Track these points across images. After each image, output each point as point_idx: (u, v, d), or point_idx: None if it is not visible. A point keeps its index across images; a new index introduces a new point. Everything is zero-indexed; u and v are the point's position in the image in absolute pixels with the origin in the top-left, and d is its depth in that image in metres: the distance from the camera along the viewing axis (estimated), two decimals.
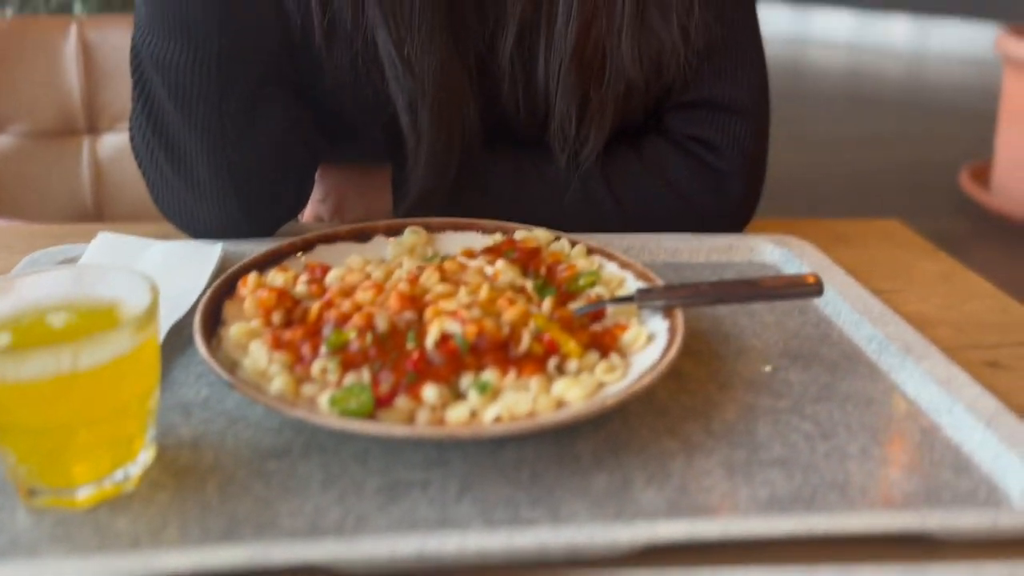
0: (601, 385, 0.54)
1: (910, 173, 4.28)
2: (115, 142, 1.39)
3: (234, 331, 0.57)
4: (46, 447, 0.44)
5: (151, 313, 0.45)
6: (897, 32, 7.54)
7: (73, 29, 1.35)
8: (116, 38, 1.35)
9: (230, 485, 0.48)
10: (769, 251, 0.80)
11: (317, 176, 0.85)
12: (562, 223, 0.74)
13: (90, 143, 1.39)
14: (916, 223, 0.98)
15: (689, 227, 0.82)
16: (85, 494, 0.46)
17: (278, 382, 0.52)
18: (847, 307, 0.68)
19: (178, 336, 0.61)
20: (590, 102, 0.79)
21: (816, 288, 0.60)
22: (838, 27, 7.68)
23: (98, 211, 1.39)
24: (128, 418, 0.46)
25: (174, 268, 0.70)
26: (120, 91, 1.38)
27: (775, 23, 7.53)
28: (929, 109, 5.69)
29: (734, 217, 0.85)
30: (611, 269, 0.68)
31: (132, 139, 0.74)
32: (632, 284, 0.65)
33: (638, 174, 0.83)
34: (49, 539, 0.44)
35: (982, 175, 3.79)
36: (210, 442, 0.52)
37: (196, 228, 0.75)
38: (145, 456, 0.49)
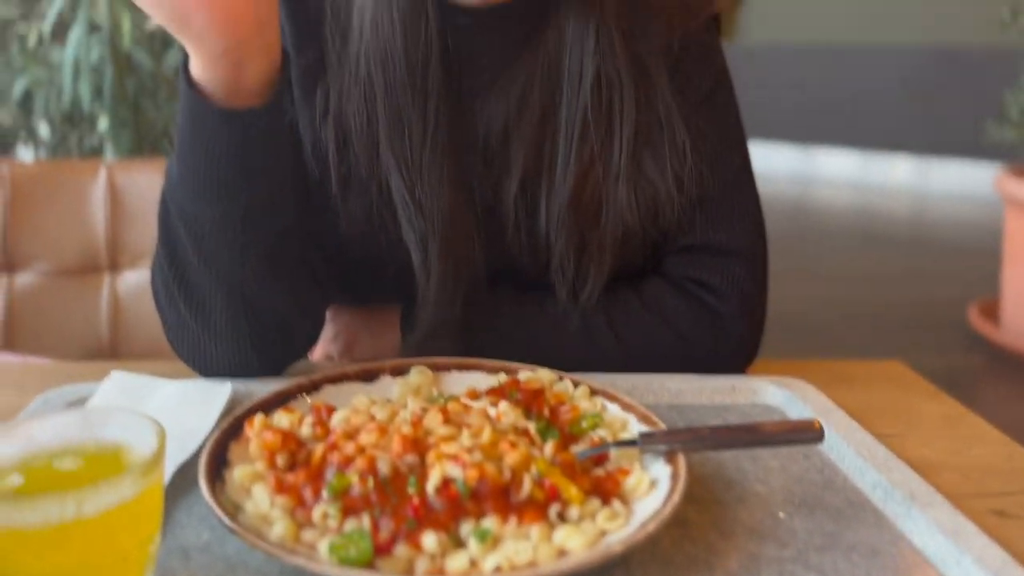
0: (603, 533, 0.54)
1: (918, 310, 4.30)
2: (135, 279, 1.43)
3: (238, 473, 0.58)
4: None
5: (157, 458, 0.46)
6: (900, 171, 7.74)
7: (103, 172, 1.42)
8: (143, 182, 1.41)
9: None
10: (772, 393, 0.80)
11: (328, 316, 0.88)
12: (565, 361, 0.76)
13: (111, 280, 1.43)
14: (926, 360, 0.99)
15: (690, 367, 0.83)
16: None
17: (279, 527, 0.52)
18: (851, 452, 0.68)
19: (183, 476, 0.62)
20: (588, 245, 0.82)
21: (818, 435, 0.60)
22: (842, 166, 7.90)
23: (113, 347, 1.41)
24: (128, 564, 0.46)
25: (184, 407, 0.71)
26: (143, 231, 1.43)
27: (781, 162, 7.77)
28: (933, 247, 5.78)
29: (735, 358, 0.86)
30: (613, 411, 0.69)
31: (153, 280, 0.77)
32: (635, 427, 0.66)
33: (639, 313, 0.85)
34: None
35: (991, 312, 3.80)
36: None
37: (209, 368, 0.77)
38: None
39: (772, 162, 7.67)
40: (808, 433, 0.60)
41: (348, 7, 0.80)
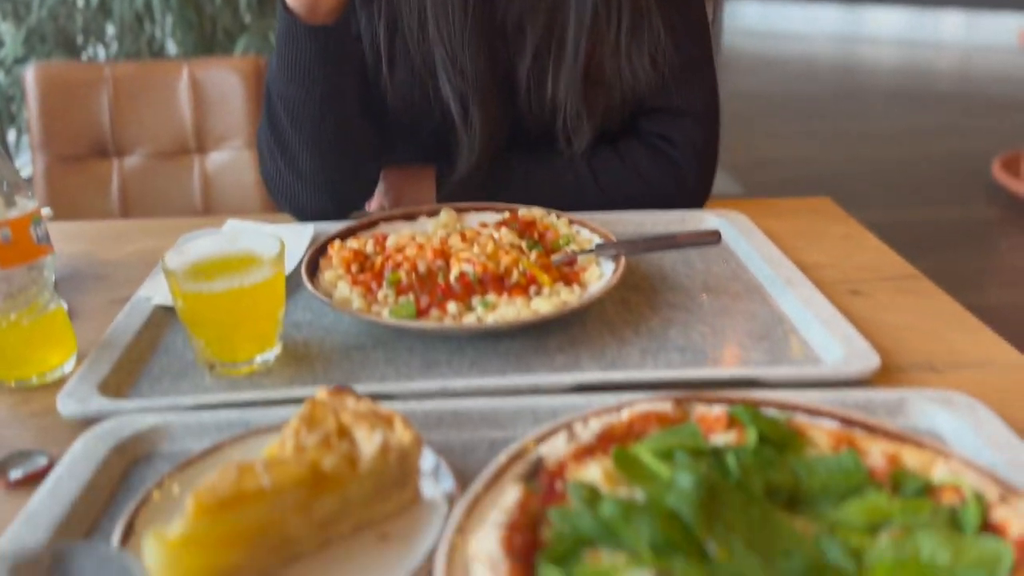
0: (565, 303, 0.82)
1: (946, 164, 4.41)
2: (219, 159, 1.72)
3: (327, 276, 0.87)
4: (222, 337, 0.75)
5: (281, 255, 0.75)
6: (948, 26, 7.53)
7: (185, 71, 1.69)
8: (218, 77, 1.68)
9: (328, 365, 0.78)
10: (712, 222, 1.07)
11: (381, 176, 1.16)
12: (559, 204, 1.03)
13: (199, 160, 1.73)
14: (946, 211, 1.21)
15: (655, 206, 1.10)
16: (243, 368, 0.76)
17: (357, 303, 0.82)
18: (756, 256, 0.95)
19: (288, 283, 0.91)
20: (590, 107, 1.08)
21: (716, 239, 0.88)
22: (889, 24, 7.71)
23: (206, 214, 1.72)
24: (268, 321, 0.76)
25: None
26: (222, 118, 1.71)
27: (827, 22, 7.64)
28: (973, 102, 5.76)
29: (690, 198, 1.12)
30: (584, 234, 0.96)
31: (258, 144, 1.09)
32: (596, 243, 0.94)
33: (617, 167, 1.11)
34: (223, 390, 0.74)
35: (1014, 165, 3.91)
36: (315, 343, 0.82)
37: (298, 208, 1.08)
38: (277, 349, 0.79)
39: (817, 23, 7.55)
40: (709, 237, 0.88)
41: None
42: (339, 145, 1.04)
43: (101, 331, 0.82)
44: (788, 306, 0.86)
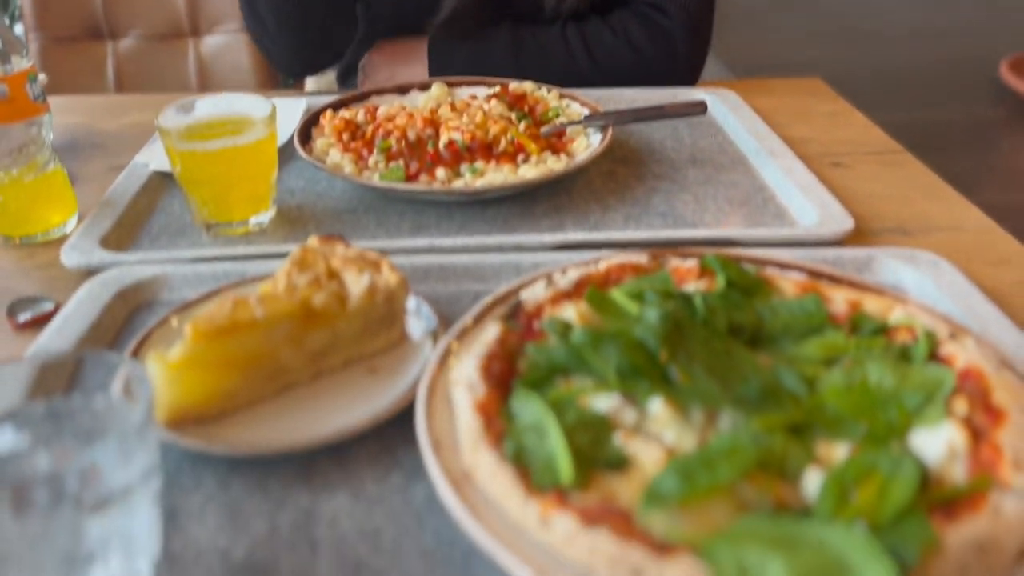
0: (552, 170, 0.84)
1: (952, 64, 4.34)
2: (214, 42, 1.71)
3: (319, 143, 0.89)
4: (218, 197, 0.77)
5: (273, 116, 0.77)
6: None
7: None
8: None
9: (321, 227, 0.80)
10: (701, 98, 1.07)
11: (376, 50, 1.17)
12: (553, 78, 1.03)
13: (194, 44, 1.72)
14: (954, 112, 1.21)
15: (649, 81, 1.10)
16: (239, 228, 0.79)
17: (348, 168, 0.84)
18: (743, 130, 0.97)
19: (281, 154, 0.93)
20: None
21: (702, 109, 0.89)
22: None
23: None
24: (262, 181, 0.79)
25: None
26: (216, 2, 1.69)
27: None
28: (982, 1, 5.62)
29: (683, 70, 1.12)
30: (575, 107, 0.97)
31: (241, 9, 1.12)
32: (585, 114, 0.95)
33: (608, 35, 1.11)
34: (219, 246, 0.77)
35: (1021, 66, 3.85)
36: (308, 207, 0.84)
37: (272, 61, 1.16)
38: (271, 211, 0.81)
39: None
40: (696, 108, 0.89)
41: None
42: (302, 11, 1.08)
43: (100, 195, 0.84)
44: (770, 176, 0.88)
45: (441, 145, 0.85)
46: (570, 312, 0.58)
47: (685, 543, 0.40)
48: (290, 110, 1.03)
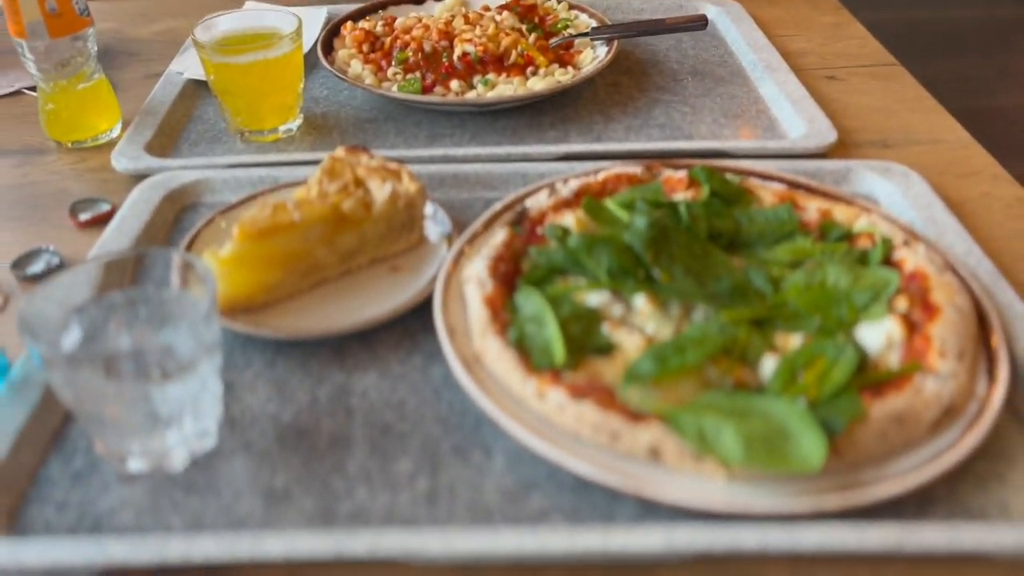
0: (559, 82, 0.90)
1: None
2: None
3: (341, 54, 0.95)
4: (250, 106, 0.84)
5: (299, 31, 0.83)
6: None
7: None
8: None
9: (344, 135, 0.87)
10: (706, 9, 1.11)
11: None
12: None
13: None
14: (971, 11, 1.22)
15: None
16: (269, 136, 0.86)
17: (369, 79, 0.90)
18: (743, 43, 1.01)
19: (304, 63, 0.99)
20: None
21: (703, 24, 0.94)
22: None
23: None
24: (290, 92, 0.85)
25: None
26: None
27: None
28: None
29: None
30: (583, 19, 1.02)
31: None
32: (592, 27, 1.00)
33: None
34: (253, 153, 0.84)
35: None
36: (332, 115, 0.90)
37: None
38: (299, 120, 0.88)
39: None
40: (698, 22, 0.94)
41: None
42: None
43: (139, 102, 0.91)
44: (765, 89, 0.93)
45: (455, 57, 0.90)
46: (569, 219, 0.65)
47: (656, 413, 0.49)
48: (311, 19, 1.08)
